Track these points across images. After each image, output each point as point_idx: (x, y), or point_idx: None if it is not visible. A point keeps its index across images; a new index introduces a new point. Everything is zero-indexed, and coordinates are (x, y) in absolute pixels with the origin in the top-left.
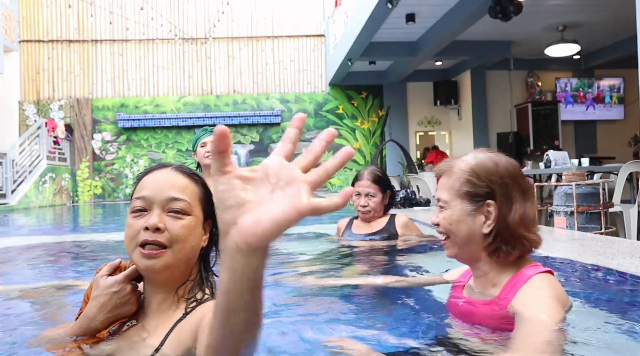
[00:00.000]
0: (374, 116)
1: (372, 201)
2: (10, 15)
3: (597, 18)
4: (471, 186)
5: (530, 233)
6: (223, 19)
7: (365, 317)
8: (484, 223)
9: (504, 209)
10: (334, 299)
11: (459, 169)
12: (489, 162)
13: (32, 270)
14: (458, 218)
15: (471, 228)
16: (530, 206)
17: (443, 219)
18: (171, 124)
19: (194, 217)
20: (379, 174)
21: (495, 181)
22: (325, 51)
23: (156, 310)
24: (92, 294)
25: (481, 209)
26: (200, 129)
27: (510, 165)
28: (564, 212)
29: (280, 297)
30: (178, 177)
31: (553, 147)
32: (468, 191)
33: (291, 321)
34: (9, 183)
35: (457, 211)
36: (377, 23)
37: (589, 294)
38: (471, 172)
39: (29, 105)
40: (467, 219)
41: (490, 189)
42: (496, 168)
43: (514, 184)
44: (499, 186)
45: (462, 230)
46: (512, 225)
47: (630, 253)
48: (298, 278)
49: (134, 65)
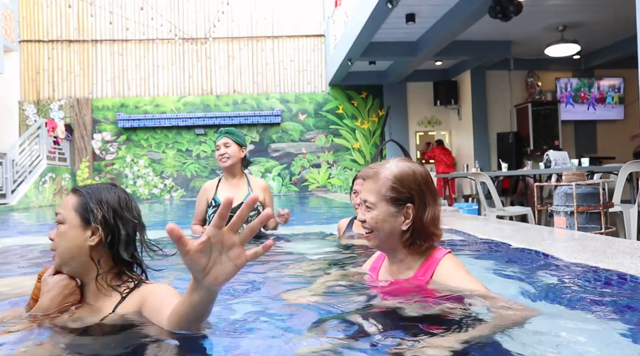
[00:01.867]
0: (374, 116)
1: None
2: (10, 15)
3: (597, 18)
4: (395, 192)
5: (438, 229)
6: (223, 19)
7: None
8: (403, 222)
9: (420, 211)
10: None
11: (384, 177)
12: (408, 170)
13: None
14: (383, 218)
15: (393, 226)
16: (437, 207)
17: (370, 218)
18: (171, 124)
19: (67, 224)
20: None
21: (414, 188)
22: (325, 51)
23: (94, 297)
24: (43, 290)
25: (402, 211)
26: (219, 130)
27: (425, 173)
28: (564, 212)
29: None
30: (69, 196)
31: (553, 147)
32: (392, 196)
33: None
34: (9, 183)
35: (382, 212)
36: (377, 23)
37: (589, 295)
38: (395, 180)
39: (29, 105)
40: (390, 219)
41: (410, 195)
42: (414, 176)
43: (427, 190)
44: (417, 192)
45: (385, 228)
46: (425, 224)
47: (630, 253)
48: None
49: (134, 65)
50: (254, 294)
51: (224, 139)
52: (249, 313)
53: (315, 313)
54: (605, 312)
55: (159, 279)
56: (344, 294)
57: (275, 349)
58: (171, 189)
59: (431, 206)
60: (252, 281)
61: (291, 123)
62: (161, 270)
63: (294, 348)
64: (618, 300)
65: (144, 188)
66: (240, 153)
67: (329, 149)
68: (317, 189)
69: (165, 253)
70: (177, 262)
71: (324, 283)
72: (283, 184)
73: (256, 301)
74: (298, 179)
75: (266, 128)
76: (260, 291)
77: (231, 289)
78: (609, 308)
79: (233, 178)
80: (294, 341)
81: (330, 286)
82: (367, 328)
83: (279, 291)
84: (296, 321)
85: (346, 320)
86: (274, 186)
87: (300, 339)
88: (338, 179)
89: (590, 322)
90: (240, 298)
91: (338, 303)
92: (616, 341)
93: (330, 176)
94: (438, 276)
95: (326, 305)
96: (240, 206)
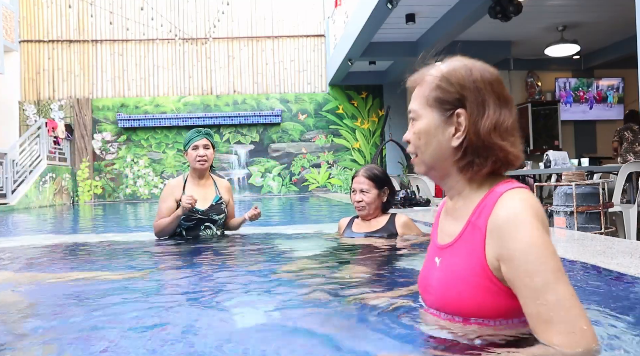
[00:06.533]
0: (374, 116)
1: (366, 197)
2: (11, 15)
3: (597, 18)
4: (441, 91)
5: (505, 141)
6: (223, 19)
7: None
8: (453, 136)
9: (475, 117)
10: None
11: (429, 76)
12: (462, 68)
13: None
14: (427, 129)
15: (440, 141)
16: (507, 113)
17: (412, 133)
18: (171, 124)
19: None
20: (375, 172)
21: (468, 86)
22: (325, 51)
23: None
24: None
25: (451, 119)
26: (192, 130)
27: (487, 71)
28: (563, 212)
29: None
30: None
31: (553, 147)
32: (437, 97)
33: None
34: (9, 183)
35: (426, 122)
36: (377, 23)
37: (589, 295)
38: (442, 77)
39: (29, 105)
40: (436, 131)
41: (460, 96)
42: (469, 72)
43: (489, 90)
44: (471, 92)
45: (431, 144)
46: (483, 133)
47: (630, 253)
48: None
49: (134, 65)
50: (253, 294)
51: (205, 141)
52: (248, 312)
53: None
54: (605, 312)
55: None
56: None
57: (274, 346)
58: None
59: (492, 110)
60: (252, 280)
61: (291, 123)
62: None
63: (293, 346)
64: (618, 299)
65: (144, 188)
66: (213, 156)
67: (329, 149)
68: (317, 189)
69: None
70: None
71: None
72: (283, 184)
73: (256, 302)
74: (298, 179)
75: (266, 128)
76: (261, 291)
77: (231, 289)
78: (609, 308)
79: (201, 179)
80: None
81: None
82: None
83: (279, 291)
84: (295, 320)
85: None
86: (273, 186)
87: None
88: (338, 179)
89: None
90: (240, 298)
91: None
92: (616, 341)
93: (330, 176)
94: (493, 224)
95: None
96: (211, 207)
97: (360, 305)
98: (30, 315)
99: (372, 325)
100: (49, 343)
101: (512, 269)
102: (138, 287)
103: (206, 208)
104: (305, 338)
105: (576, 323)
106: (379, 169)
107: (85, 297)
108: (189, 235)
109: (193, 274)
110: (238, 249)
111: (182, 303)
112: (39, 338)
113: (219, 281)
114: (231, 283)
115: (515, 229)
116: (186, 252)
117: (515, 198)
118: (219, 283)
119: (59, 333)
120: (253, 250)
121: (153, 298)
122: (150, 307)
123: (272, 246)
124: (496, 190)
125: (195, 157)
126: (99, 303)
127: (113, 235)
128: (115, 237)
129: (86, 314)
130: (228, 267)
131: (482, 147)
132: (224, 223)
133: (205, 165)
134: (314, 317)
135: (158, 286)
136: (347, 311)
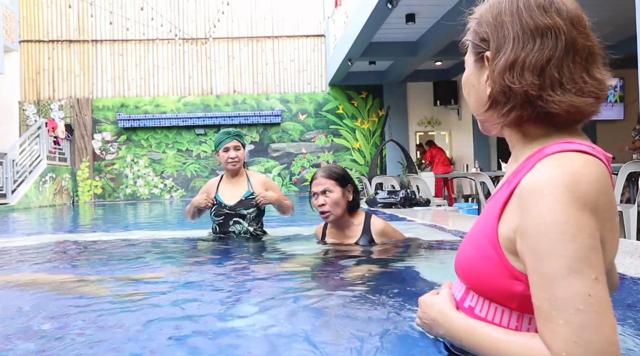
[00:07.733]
0: (374, 116)
1: (330, 197)
2: (11, 15)
3: (597, 18)
4: (472, 34)
5: (528, 83)
6: (223, 19)
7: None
8: (486, 82)
9: (494, 57)
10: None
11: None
12: (497, 2)
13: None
14: (466, 77)
15: (478, 91)
16: (538, 47)
17: (463, 78)
18: (171, 124)
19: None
20: (335, 169)
21: (491, 23)
22: (325, 51)
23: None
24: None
25: (482, 62)
26: (222, 131)
27: (527, 1)
28: None
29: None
30: None
31: None
32: (470, 40)
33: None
34: (9, 183)
35: (467, 69)
36: (377, 23)
37: None
38: (478, 15)
39: (29, 105)
40: (474, 79)
41: (486, 35)
42: (500, 6)
43: (515, 21)
44: (493, 28)
45: (471, 94)
46: (495, 75)
47: (630, 253)
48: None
49: (134, 65)
50: (253, 293)
51: (235, 142)
52: (247, 312)
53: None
54: None
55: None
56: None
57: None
58: (171, 189)
59: (513, 46)
60: (251, 280)
61: (291, 123)
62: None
63: (292, 347)
64: (618, 300)
65: (144, 188)
66: (244, 155)
67: (329, 149)
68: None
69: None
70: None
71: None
72: (283, 184)
73: (256, 301)
74: (298, 179)
75: (266, 128)
76: (260, 292)
77: (230, 289)
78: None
79: (233, 177)
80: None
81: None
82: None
83: (278, 291)
84: (294, 320)
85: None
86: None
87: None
88: None
89: None
90: (238, 298)
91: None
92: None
93: None
94: (520, 189)
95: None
96: (240, 202)
97: (358, 308)
98: (30, 315)
99: (376, 328)
100: (49, 343)
101: (524, 248)
102: (138, 288)
103: (234, 204)
104: (307, 342)
105: (584, 333)
106: (337, 167)
107: (85, 297)
108: (221, 231)
109: (193, 275)
110: (235, 249)
111: (176, 303)
112: (40, 340)
113: (218, 281)
114: (230, 283)
115: (537, 200)
116: (181, 251)
117: (556, 162)
118: (218, 282)
119: (59, 333)
120: (252, 250)
121: (153, 299)
122: (150, 308)
123: (269, 247)
124: (545, 150)
125: (227, 159)
126: (99, 303)
127: (113, 235)
128: (115, 237)
129: (86, 314)
130: (222, 267)
131: (500, 92)
132: (257, 218)
133: (237, 166)
134: (314, 319)
135: (154, 288)
136: (348, 311)
